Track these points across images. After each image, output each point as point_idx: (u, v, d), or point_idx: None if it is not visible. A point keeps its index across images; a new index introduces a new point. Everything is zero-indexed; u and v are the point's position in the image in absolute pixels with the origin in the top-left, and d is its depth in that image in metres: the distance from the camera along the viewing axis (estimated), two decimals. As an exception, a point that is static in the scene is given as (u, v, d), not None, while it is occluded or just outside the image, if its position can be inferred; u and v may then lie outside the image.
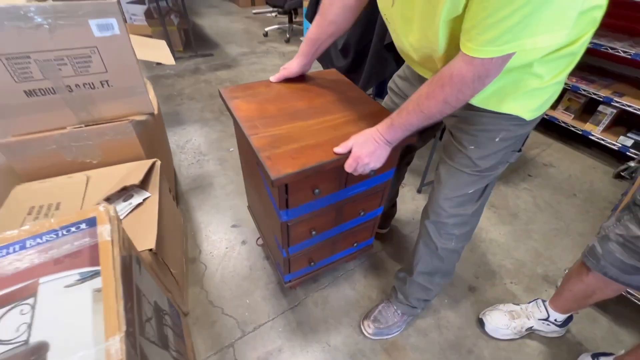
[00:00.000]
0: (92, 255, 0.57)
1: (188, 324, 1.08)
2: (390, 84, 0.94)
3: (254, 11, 4.43)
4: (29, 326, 0.48)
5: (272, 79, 0.94)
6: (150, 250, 0.86)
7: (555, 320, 1.00)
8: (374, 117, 0.84)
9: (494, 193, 1.65)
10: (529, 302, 1.07)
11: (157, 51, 1.61)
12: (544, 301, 1.03)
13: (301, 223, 0.87)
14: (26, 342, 0.46)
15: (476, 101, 0.66)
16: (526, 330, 1.05)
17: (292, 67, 0.94)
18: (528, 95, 0.63)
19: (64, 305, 0.50)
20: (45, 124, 1.02)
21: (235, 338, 1.05)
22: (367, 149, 0.69)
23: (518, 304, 1.10)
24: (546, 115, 2.02)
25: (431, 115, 0.62)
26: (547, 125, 2.12)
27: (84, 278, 0.53)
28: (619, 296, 1.12)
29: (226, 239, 1.37)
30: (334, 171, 0.78)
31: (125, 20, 1.01)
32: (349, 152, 0.71)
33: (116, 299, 0.51)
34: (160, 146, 1.35)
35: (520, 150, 0.75)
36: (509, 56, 0.51)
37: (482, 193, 0.80)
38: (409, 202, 1.57)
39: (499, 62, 0.52)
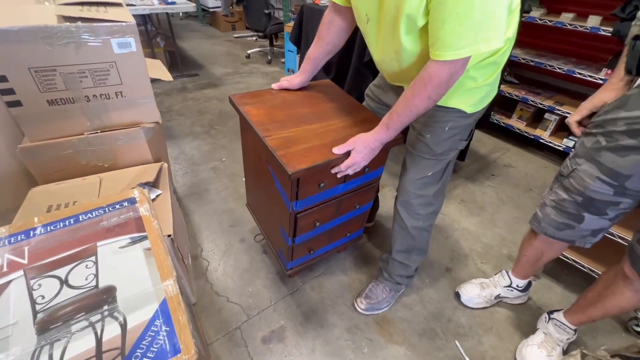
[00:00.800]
0: (137, 224, 0.68)
1: (197, 312, 1.16)
2: (367, 91, 1.13)
3: (235, 35, 4.66)
4: (96, 276, 0.59)
5: (274, 86, 1.10)
6: (169, 236, 0.96)
7: (517, 286, 1.18)
8: (367, 122, 1.00)
9: (463, 190, 1.87)
10: (496, 274, 1.25)
11: (155, 69, 1.74)
12: (507, 271, 1.21)
13: (308, 215, 1.00)
14: (96, 286, 0.57)
15: None
16: (495, 298, 1.22)
17: (294, 81, 1.09)
18: (467, 93, 0.82)
19: (122, 260, 0.61)
20: (61, 130, 1.12)
21: (242, 321, 1.15)
22: (363, 154, 0.83)
23: (487, 278, 1.27)
24: (504, 123, 2.31)
25: (419, 112, 0.76)
26: (505, 133, 2.41)
27: (135, 241, 0.65)
28: (568, 266, 1.33)
29: (225, 237, 1.47)
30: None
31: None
32: (347, 152, 0.85)
33: (165, 254, 0.63)
34: (162, 153, 1.46)
35: (467, 140, 0.94)
36: (468, 58, 0.66)
37: (440, 177, 0.97)
38: (391, 200, 1.74)
39: (462, 63, 0.67)
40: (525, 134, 2.21)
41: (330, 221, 1.10)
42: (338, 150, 0.85)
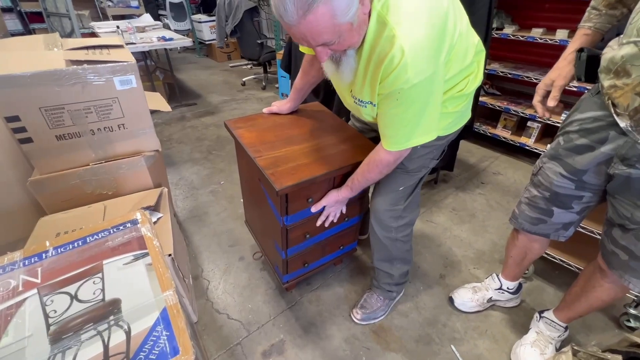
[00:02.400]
0: (139, 243, 0.75)
1: (199, 331, 1.20)
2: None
3: (231, 65, 4.88)
4: (102, 291, 0.64)
5: (265, 110, 1.21)
6: (170, 255, 1.02)
7: (508, 288, 1.21)
8: (350, 140, 1.09)
9: (454, 199, 1.93)
10: (487, 278, 1.29)
11: (155, 101, 1.85)
12: (497, 274, 1.25)
13: (297, 228, 1.06)
14: (103, 299, 0.63)
15: None
16: (487, 301, 1.25)
17: (283, 107, 1.21)
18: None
19: (126, 276, 0.67)
20: (68, 162, 1.20)
21: (242, 337, 1.18)
22: (335, 207, 1.05)
23: (480, 282, 1.31)
24: (490, 133, 2.40)
25: (374, 181, 0.95)
26: (493, 142, 2.50)
27: (137, 257, 0.71)
28: (559, 267, 1.37)
29: (225, 257, 1.52)
30: (323, 183, 1.00)
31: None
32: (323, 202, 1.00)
33: (165, 268, 0.69)
34: (162, 178, 1.54)
35: (438, 160, 1.01)
36: (409, 148, 0.84)
37: (410, 193, 1.02)
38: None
39: (405, 152, 0.85)
40: (512, 142, 2.29)
41: (320, 233, 1.16)
42: (314, 208, 1.02)
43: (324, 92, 1.93)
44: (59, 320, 0.59)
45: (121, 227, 0.78)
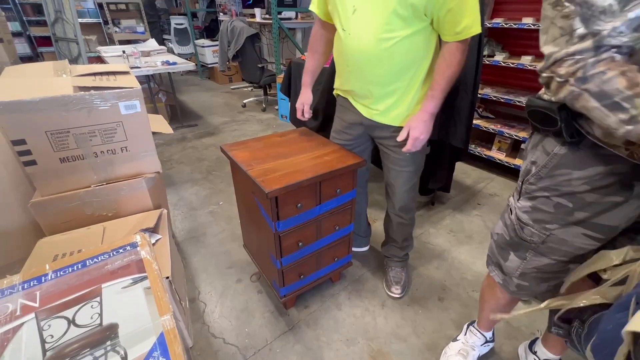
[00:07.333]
0: (138, 266, 0.75)
1: (194, 356, 1.17)
2: (331, 139, 1.33)
3: (232, 87, 5.01)
4: (100, 315, 0.65)
5: (305, 116, 1.32)
6: (167, 278, 1.02)
7: (489, 338, 1.16)
8: (334, 152, 1.20)
9: (452, 220, 1.94)
10: (464, 334, 1.17)
11: (157, 123, 1.90)
12: (475, 327, 1.16)
13: (290, 235, 1.12)
14: (100, 324, 0.63)
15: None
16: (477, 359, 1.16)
17: (306, 97, 1.29)
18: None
19: (124, 300, 0.68)
20: (70, 184, 1.22)
21: (238, 363, 1.16)
22: (419, 129, 1.04)
23: (457, 339, 1.18)
24: (485, 155, 2.45)
25: (452, 78, 0.98)
26: (488, 163, 2.54)
27: (136, 281, 0.72)
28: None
29: (222, 279, 1.51)
30: (310, 188, 1.08)
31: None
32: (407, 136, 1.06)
33: (163, 292, 0.69)
34: (162, 199, 1.55)
35: (429, 145, 1.24)
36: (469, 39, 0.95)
37: (419, 178, 1.26)
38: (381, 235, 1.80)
39: (467, 42, 0.96)
40: (507, 164, 2.33)
41: (313, 242, 1.20)
42: (400, 137, 1.07)
43: (323, 115, 1.99)
44: (55, 346, 0.59)
45: (121, 250, 0.79)
